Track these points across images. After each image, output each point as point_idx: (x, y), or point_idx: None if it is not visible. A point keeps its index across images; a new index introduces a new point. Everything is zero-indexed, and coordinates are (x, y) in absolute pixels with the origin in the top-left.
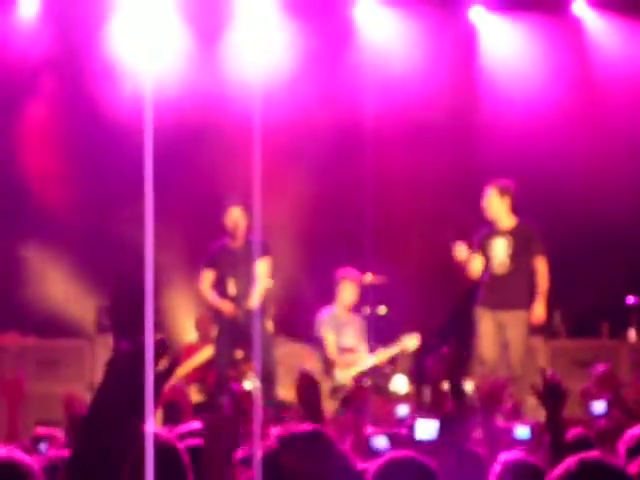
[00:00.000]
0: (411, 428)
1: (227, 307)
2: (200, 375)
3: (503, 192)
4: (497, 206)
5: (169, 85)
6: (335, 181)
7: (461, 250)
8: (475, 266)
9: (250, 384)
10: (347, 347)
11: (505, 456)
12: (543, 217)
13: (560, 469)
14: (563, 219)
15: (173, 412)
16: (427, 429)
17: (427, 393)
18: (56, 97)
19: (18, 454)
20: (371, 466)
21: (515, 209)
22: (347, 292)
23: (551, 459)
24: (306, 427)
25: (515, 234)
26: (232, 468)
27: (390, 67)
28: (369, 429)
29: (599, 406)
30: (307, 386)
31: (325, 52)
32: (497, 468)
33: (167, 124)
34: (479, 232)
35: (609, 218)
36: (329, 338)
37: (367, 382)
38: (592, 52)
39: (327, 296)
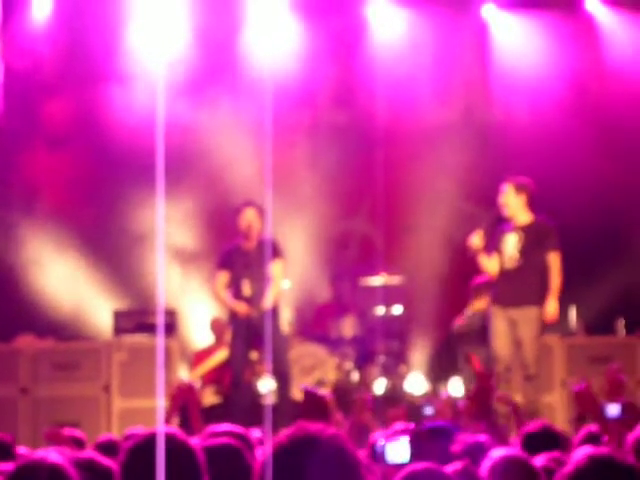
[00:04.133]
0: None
1: (241, 308)
2: (216, 377)
3: (519, 189)
4: (513, 203)
5: (181, 84)
6: (348, 181)
7: (476, 239)
8: (491, 266)
9: (265, 385)
10: None
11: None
12: (558, 213)
13: (570, 466)
14: (578, 215)
15: (184, 411)
16: (398, 451)
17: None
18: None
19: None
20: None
21: (532, 206)
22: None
23: None
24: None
25: (528, 230)
26: None
27: (402, 65)
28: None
29: (613, 409)
30: (313, 404)
31: (337, 51)
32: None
33: (180, 124)
34: (495, 230)
35: (625, 214)
36: None
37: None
38: (604, 49)
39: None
